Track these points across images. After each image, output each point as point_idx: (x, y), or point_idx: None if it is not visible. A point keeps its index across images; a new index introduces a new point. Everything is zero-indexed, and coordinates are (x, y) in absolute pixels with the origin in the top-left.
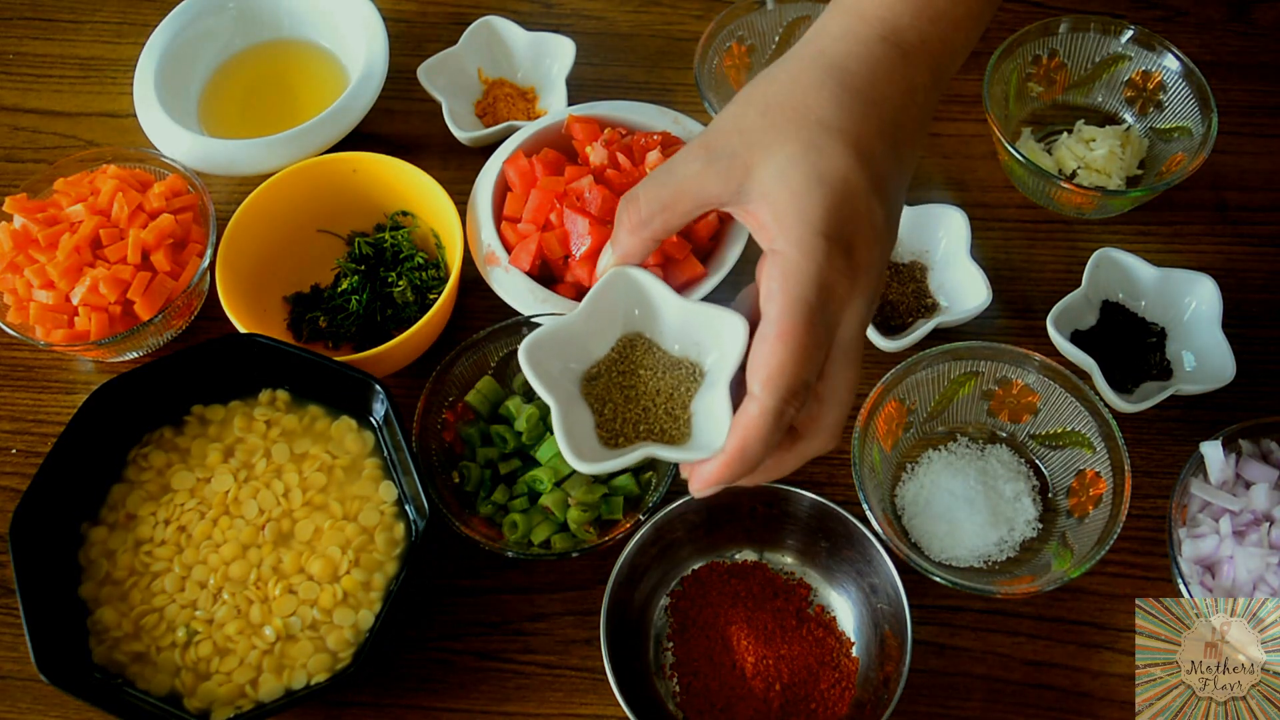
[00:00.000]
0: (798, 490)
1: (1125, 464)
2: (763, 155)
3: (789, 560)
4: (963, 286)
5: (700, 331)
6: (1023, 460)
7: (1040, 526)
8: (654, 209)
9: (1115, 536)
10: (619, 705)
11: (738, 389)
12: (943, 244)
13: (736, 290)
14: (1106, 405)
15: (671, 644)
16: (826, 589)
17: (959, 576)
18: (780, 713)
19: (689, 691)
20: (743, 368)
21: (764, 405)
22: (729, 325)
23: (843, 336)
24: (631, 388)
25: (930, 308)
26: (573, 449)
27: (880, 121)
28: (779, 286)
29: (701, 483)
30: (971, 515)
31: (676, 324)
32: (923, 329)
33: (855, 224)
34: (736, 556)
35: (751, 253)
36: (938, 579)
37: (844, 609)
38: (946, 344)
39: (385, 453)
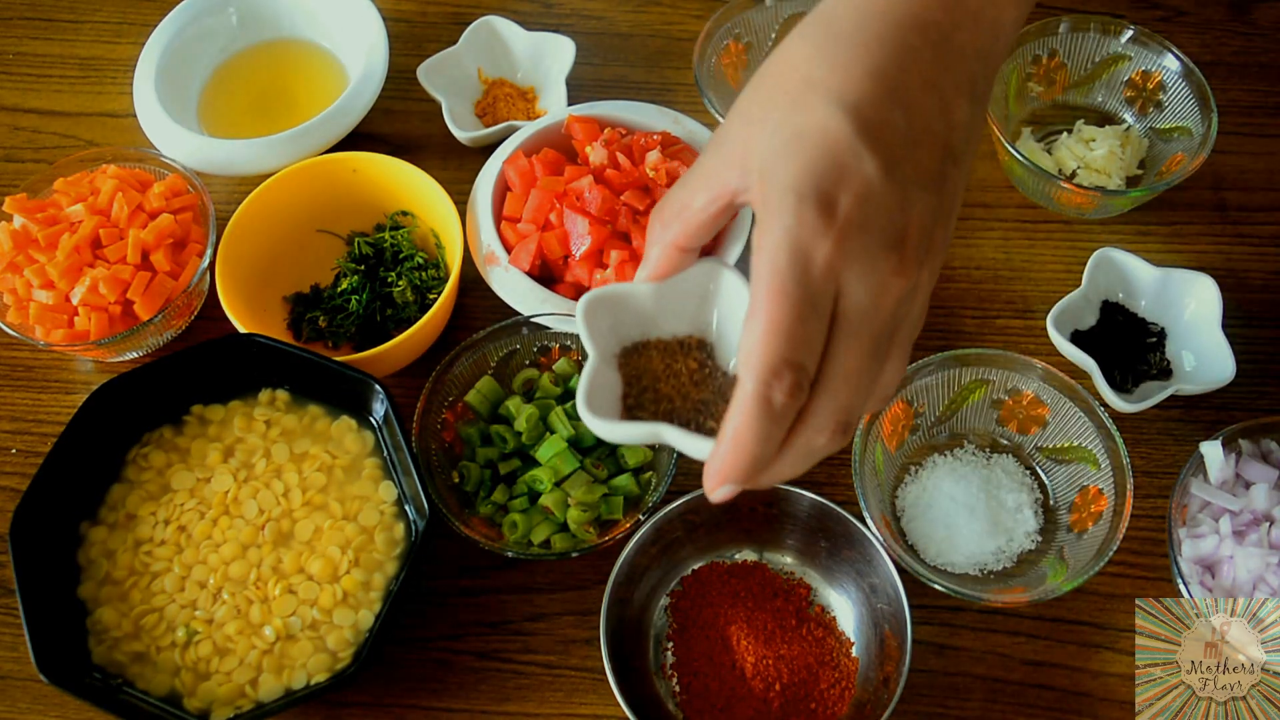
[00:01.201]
0: (797, 490)
1: (1128, 485)
2: (759, 130)
3: (789, 560)
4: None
5: None
6: (1027, 472)
7: (1039, 539)
8: (673, 211)
9: (1110, 554)
10: (619, 705)
11: None
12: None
13: None
14: (1114, 422)
15: (671, 644)
16: (826, 589)
17: (953, 582)
18: (780, 713)
19: (689, 691)
20: None
21: (744, 389)
22: None
23: (845, 308)
24: (674, 377)
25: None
26: (588, 403)
27: (871, 63)
28: (755, 258)
29: (711, 482)
30: (971, 522)
31: None
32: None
33: (837, 178)
34: (736, 556)
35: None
36: (930, 584)
37: (844, 609)
38: (954, 350)
39: (385, 453)
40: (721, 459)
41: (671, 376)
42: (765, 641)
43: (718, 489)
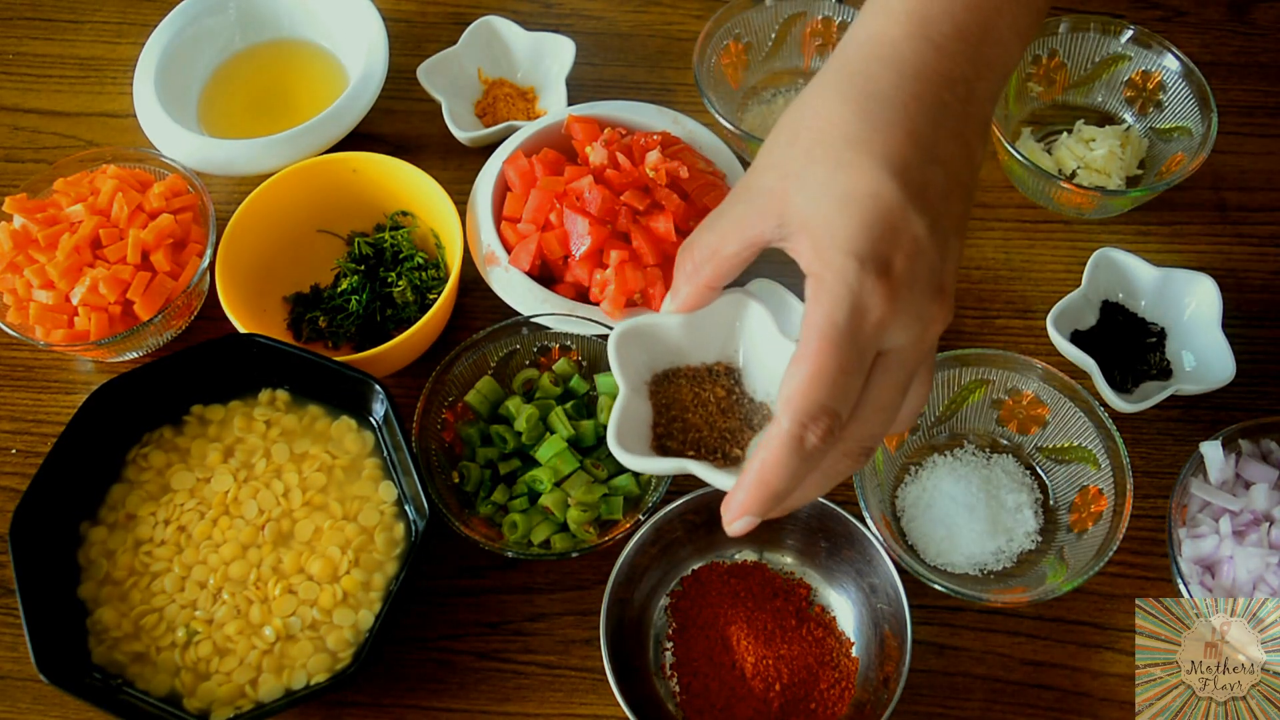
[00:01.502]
0: None
1: (1128, 485)
2: (796, 184)
3: (789, 560)
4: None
5: None
6: (1027, 472)
7: (1039, 539)
8: (705, 255)
9: (1110, 555)
10: (619, 705)
11: None
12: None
13: None
14: (1114, 422)
15: (671, 644)
16: (826, 589)
17: (952, 582)
18: (780, 713)
19: (689, 691)
20: None
21: (781, 427)
22: None
23: (887, 351)
24: (702, 406)
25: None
26: (618, 437)
27: (910, 125)
28: (811, 309)
29: (731, 515)
30: (971, 522)
31: (772, 359)
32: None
33: (891, 240)
34: (736, 556)
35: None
36: (930, 584)
37: (844, 609)
38: (953, 350)
39: (385, 453)
40: (746, 491)
41: (700, 405)
42: (765, 641)
43: (737, 521)
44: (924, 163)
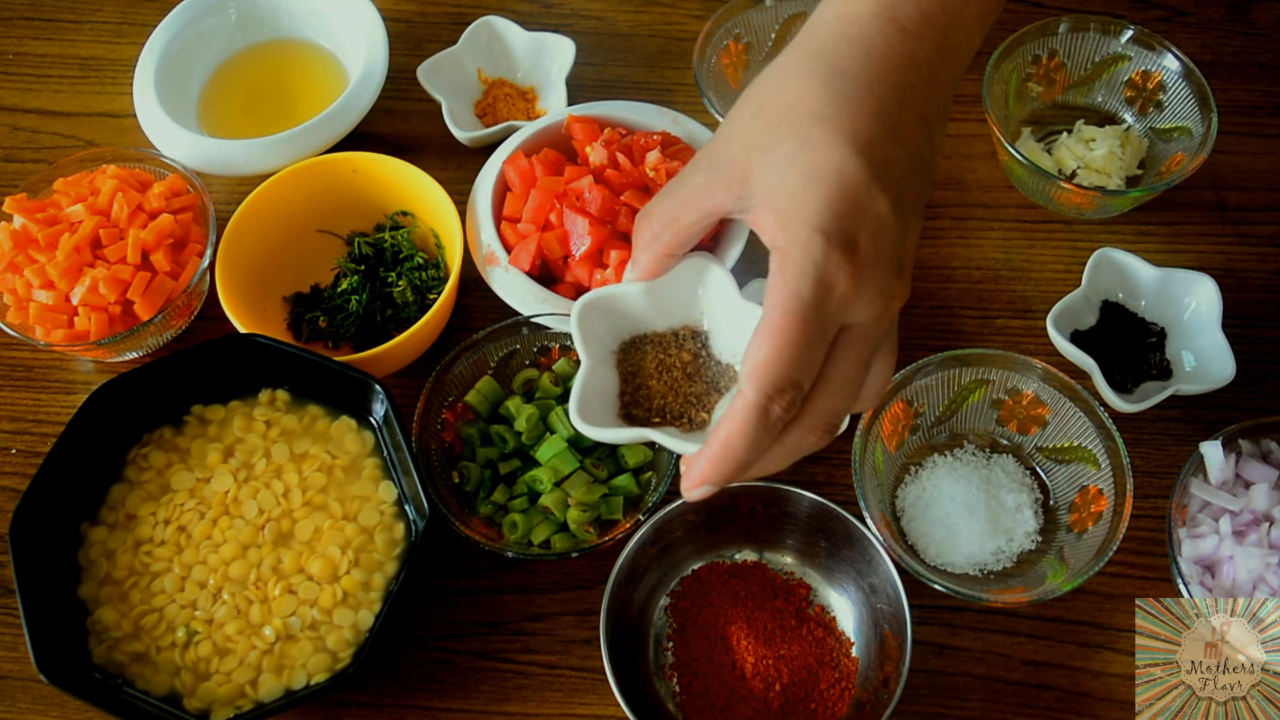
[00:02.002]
0: (797, 490)
1: (1128, 485)
2: (760, 157)
3: (789, 560)
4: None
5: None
6: (1027, 472)
7: (1039, 539)
8: (663, 223)
9: (1110, 555)
10: (619, 705)
11: None
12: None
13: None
14: (1114, 422)
15: (671, 644)
16: (826, 589)
17: (952, 582)
18: (780, 713)
19: (689, 691)
20: None
21: (746, 399)
22: None
23: (849, 326)
24: (666, 373)
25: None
26: (580, 408)
27: (876, 105)
28: (776, 282)
29: (690, 482)
30: (971, 522)
31: (737, 327)
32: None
33: (856, 217)
34: (736, 556)
35: (753, 254)
36: (930, 584)
37: (844, 609)
38: (953, 350)
39: (385, 453)
40: (709, 461)
41: (664, 371)
42: (765, 641)
43: (696, 489)
44: (888, 142)
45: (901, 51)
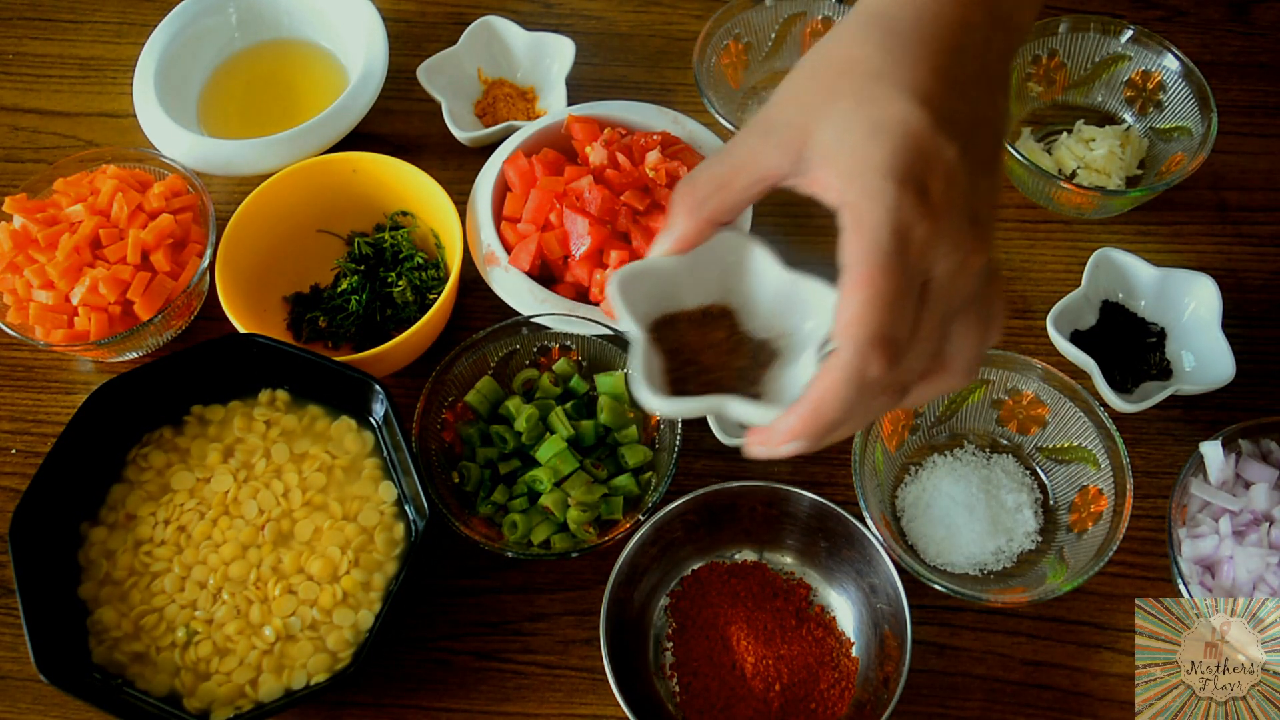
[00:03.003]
0: (797, 490)
1: (1128, 485)
2: (818, 118)
3: (789, 560)
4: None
5: (798, 303)
6: (1027, 472)
7: (1039, 539)
8: (711, 188)
9: (1110, 555)
10: (619, 705)
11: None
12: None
13: None
14: (1114, 422)
15: (671, 644)
16: (826, 589)
17: (952, 582)
18: (780, 713)
19: (689, 691)
20: None
21: (841, 356)
22: (830, 299)
23: (930, 283)
24: (709, 349)
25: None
26: (649, 385)
27: (934, 60)
28: (851, 237)
29: (776, 439)
30: (971, 522)
31: (775, 295)
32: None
33: (925, 164)
34: (736, 556)
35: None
36: (930, 584)
37: (844, 609)
38: None
39: (385, 453)
40: (799, 419)
41: (709, 347)
42: (765, 641)
43: (785, 444)
44: (949, 95)
45: (953, 15)
